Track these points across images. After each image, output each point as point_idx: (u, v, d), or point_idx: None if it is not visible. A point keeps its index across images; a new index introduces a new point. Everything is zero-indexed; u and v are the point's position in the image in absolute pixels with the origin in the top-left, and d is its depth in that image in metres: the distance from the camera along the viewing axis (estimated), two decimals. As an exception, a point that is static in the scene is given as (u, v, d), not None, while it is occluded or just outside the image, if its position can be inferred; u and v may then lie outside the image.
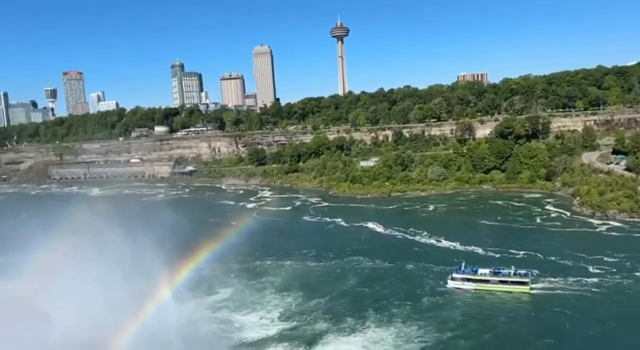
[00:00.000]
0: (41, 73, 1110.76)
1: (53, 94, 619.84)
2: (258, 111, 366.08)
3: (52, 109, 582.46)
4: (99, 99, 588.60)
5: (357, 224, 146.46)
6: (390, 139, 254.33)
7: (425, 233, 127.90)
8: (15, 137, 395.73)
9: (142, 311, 70.21)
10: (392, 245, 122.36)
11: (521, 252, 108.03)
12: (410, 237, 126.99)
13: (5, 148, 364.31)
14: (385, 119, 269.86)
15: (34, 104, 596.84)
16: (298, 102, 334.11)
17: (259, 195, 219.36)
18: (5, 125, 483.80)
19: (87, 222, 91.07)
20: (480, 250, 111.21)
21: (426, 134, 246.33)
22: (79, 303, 65.86)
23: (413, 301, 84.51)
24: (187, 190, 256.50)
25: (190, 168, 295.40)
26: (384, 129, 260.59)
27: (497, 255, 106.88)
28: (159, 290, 75.85)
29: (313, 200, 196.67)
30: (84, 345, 59.56)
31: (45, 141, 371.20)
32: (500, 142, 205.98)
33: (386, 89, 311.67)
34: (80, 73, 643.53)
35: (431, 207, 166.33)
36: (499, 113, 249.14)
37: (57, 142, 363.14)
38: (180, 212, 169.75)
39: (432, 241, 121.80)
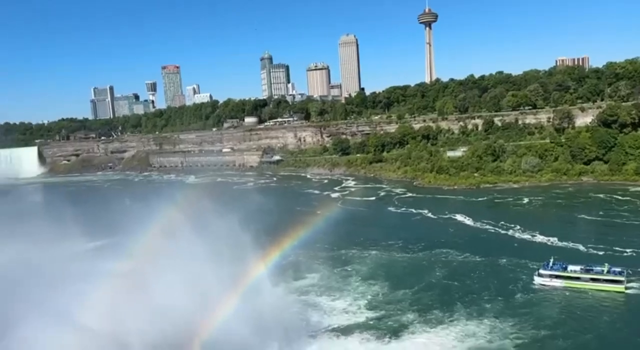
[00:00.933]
0: (142, 68, 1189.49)
1: (153, 87, 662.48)
2: (343, 101, 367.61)
3: (153, 102, 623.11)
4: (194, 92, 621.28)
5: (444, 216, 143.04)
6: (480, 128, 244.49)
7: (519, 227, 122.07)
8: (120, 128, 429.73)
9: (238, 292, 73.69)
10: (482, 239, 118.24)
11: (628, 250, 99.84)
12: (502, 231, 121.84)
13: (111, 138, 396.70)
14: (475, 107, 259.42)
15: (136, 97, 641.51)
16: (383, 91, 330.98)
17: (343, 185, 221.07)
18: (111, 116, 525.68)
19: (186, 207, 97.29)
20: (580, 247, 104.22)
21: (520, 122, 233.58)
22: (180, 281, 70.35)
23: (505, 296, 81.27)
24: (275, 179, 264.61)
25: (277, 157, 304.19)
26: (473, 118, 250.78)
27: (600, 253, 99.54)
28: (252, 272, 79.28)
29: (397, 190, 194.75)
30: (183, 319, 63.29)
31: (147, 131, 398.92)
32: (603, 131, 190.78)
33: (477, 76, 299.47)
34: (177, 67, 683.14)
35: (525, 200, 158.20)
36: (601, 100, 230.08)
37: (157, 132, 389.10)
38: (268, 200, 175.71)
39: (526, 236, 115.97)
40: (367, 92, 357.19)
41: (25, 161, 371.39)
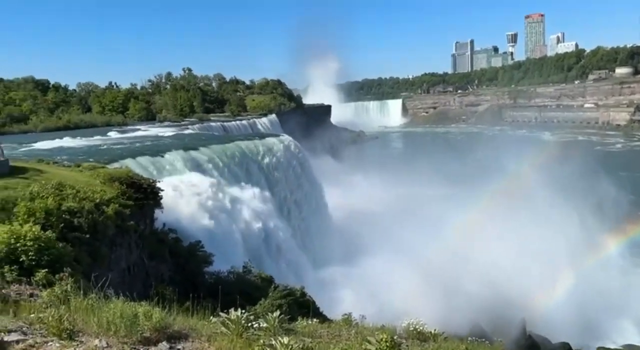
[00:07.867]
0: (504, 18, 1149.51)
1: (513, 39, 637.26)
2: None
3: (512, 53, 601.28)
4: (558, 41, 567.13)
5: None
6: None
7: None
8: (476, 82, 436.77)
9: (587, 264, 67.91)
10: None
11: None
12: None
13: (467, 92, 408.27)
14: None
15: (495, 49, 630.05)
16: None
17: None
18: (469, 70, 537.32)
19: (540, 165, 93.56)
20: None
21: None
22: (521, 242, 68.19)
23: None
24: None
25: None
26: None
27: None
28: (611, 244, 71.31)
29: None
30: (515, 284, 60.59)
31: (502, 85, 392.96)
32: None
33: None
34: (541, 15, 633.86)
35: None
36: None
37: (513, 85, 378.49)
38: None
39: None
40: None
41: (391, 112, 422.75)
